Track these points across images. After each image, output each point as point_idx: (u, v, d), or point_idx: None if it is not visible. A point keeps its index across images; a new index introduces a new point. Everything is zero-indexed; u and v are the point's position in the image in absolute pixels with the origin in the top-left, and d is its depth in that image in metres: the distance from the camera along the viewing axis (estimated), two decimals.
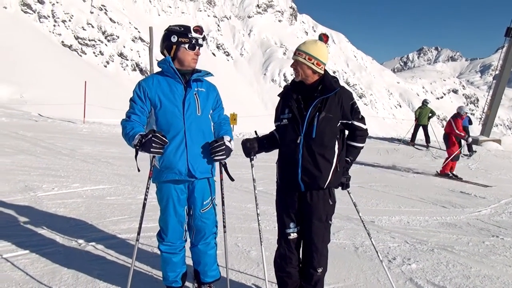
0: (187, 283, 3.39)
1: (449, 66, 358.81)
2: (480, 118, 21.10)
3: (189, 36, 2.98)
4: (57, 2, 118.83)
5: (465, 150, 14.96)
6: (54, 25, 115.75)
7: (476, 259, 4.64)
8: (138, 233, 3.09)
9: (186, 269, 3.32)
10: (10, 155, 9.11)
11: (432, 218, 6.44)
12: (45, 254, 4.01)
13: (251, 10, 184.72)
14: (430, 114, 15.99)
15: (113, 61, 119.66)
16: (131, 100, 3.06)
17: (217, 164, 3.20)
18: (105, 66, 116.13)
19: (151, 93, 3.01)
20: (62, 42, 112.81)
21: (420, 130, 16.16)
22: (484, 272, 4.25)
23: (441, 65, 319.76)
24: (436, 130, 17.40)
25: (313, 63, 2.95)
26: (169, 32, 3.02)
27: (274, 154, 3.20)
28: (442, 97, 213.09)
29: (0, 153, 9.24)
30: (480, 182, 10.34)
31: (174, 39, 2.98)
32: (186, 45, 2.98)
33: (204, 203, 3.16)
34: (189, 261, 3.40)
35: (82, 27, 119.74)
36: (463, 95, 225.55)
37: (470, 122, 15.35)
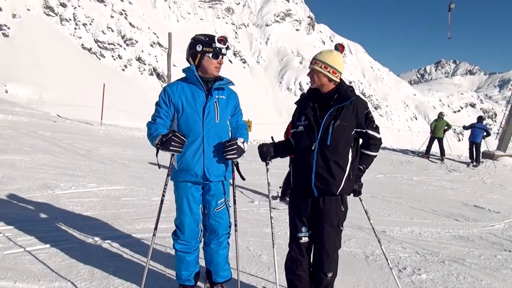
0: (199, 283, 3.47)
1: (467, 79, 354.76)
2: (498, 133, 20.84)
3: (213, 46, 3.11)
4: (78, 6, 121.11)
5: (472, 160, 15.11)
6: (75, 28, 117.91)
7: (487, 272, 4.62)
8: (155, 228, 3.24)
9: (199, 268, 3.40)
10: (30, 154, 9.33)
11: (444, 231, 6.42)
12: (62, 249, 4.13)
13: (269, 19, 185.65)
14: (446, 127, 15.88)
15: (131, 65, 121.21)
16: (157, 104, 3.23)
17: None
18: (123, 70, 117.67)
19: (175, 99, 3.17)
20: (82, 45, 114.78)
21: (435, 143, 16.05)
22: (495, 285, 4.23)
23: (459, 79, 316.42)
24: (452, 143, 17.27)
25: (329, 72, 3.04)
26: (195, 41, 3.15)
27: (289, 161, 3.28)
28: (459, 111, 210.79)
29: (20, 151, 9.47)
30: (494, 197, 10.24)
31: (199, 48, 3.11)
32: (210, 54, 3.12)
33: (218, 202, 3.28)
34: (202, 262, 3.47)
35: (102, 30, 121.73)
36: (480, 109, 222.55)
37: (488, 133, 15.30)
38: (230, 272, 3.45)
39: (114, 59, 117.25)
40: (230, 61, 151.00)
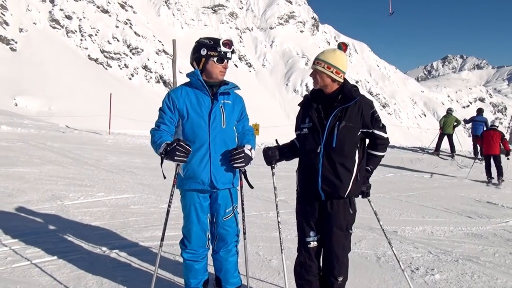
0: None
1: (475, 74, 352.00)
2: (508, 127, 20.60)
3: (218, 49, 3.04)
4: (84, 17, 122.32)
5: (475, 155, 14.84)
6: (81, 40, 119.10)
7: (502, 270, 4.52)
8: (162, 239, 3.18)
9: (208, 276, 3.36)
10: (38, 165, 9.39)
11: (457, 229, 6.32)
12: (71, 260, 4.12)
13: (273, 22, 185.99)
14: (455, 123, 15.71)
15: (137, 73, 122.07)
16: (161, 110, 3.15)
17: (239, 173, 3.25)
18: (130, 79, 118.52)
19: (179, 104, 3.09)
20: (89, 55, 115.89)
21: (445, 139, 15.88)
22: (511, 283, 4.14)
23: (466, 73, 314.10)
24: (462, 139, 17.08)
25: (332, 72, 2.96)
26: (199, 44, 3.09)
27: (296, 163, 3.22)
28: (468, 106, 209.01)
29: (29, 163, 9.53)
30: (508, 192, 10.08)
31: (203, 52, 3.05)
32: (215, 58, 3.05)
33: (227, 211, 3.21)
34: (211, 269, 3.44)
35: (108, 41, 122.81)
36: (490, 103, 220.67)
37: (487, 126, 15.06)
38: (240, 278, 3.41)
39: (121, 68, 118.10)
40: (236, 66, 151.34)
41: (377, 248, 5.07)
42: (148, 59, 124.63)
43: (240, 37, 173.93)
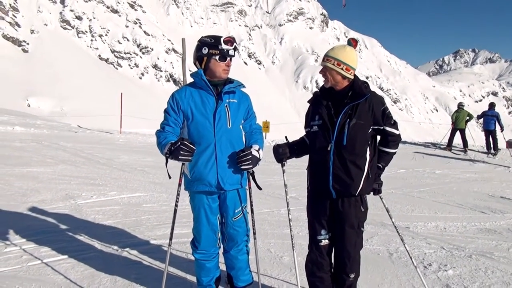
0: (220, 287, 3.45)
1: (488, 68, 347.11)
2: None
3: (220, 47, 2.98)
4: (94, 18, 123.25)
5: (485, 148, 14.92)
6: (92, 40, 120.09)
7: None
8: (170, 238, 3.19)
9: (219, 273, 3.37)
10: (52, 165, 9.50)
11: (470, 224, 6.26)
12: (84, 258, 4.17)
13: (282, 18, 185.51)
14: (467, 118, 15.54)
15: (147, 72, 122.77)
16: (165, 111, 3.12)
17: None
18: (140, 78, 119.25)
19: (184, 105, 3.05)
20: (99, 55, 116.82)
21: (457, 134, 15.72)
22: None
23: (479, 67, 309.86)
24: (475, 134, 16.89)
25: (342, 69, 2.91)
26: (201, 43, 3.04)
27: (307, 160, 3.22)
28: (481, 100, 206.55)
29: (42, 163, 9.65)
30: None
31: (205, 51, 3.00)
32: (217, 57, 2.99)
33: (236, 211, 3.20)
34: (222, 266, 3.45)
35: (118, 40, 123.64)
36: (503, 97, 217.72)
37: (498, 120, 14.89)
38: (251, 276, 3.42)
39: (131, 68, 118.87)
40: (245, 63, 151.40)
41: (389, 244, 5.04)
42: (158, 58, 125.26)
43: (250, 34, 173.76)
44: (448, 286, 3.88)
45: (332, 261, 3.17)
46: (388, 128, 3.01)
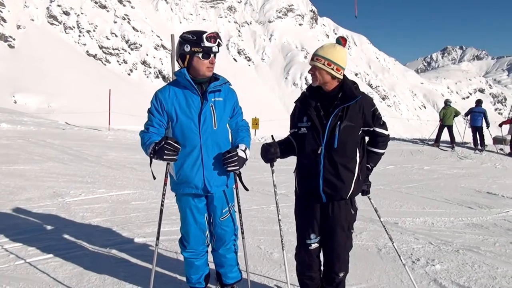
0: (210, 285, 3.45)
1: (475, 65, 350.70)
2: (509, 117, 20.60)
3: (202, 45, 2.85)
4: (81, 13, 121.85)
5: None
6: (79, 36, 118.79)
7: (503, 260, 4.54)
8: (157, 238, 3.16)
9: (209, 270, 3.37)
10: (39, 163, 9.40)
11: (458, 219, 6.33)
12: (73, 257, 4.14)
13: (272, 15, 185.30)
14: (454, 114, 15.73)
15: (136, 69, 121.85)
16: (149, 111, 3.03)
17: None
18: (129, 74, 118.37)
19: (168, 106, 2.96)
20: (87, 51, 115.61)
21: (445, 131, 15.89)
22: (511, 273, 4.16)
23: (466, 65, 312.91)
24: (462, 130, 17.08)
25: (332, 69, 2.81)
26: (183, 40, 2.90)
27: (294, 160, 3.19)
28: (468, 97, 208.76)
29: (30, 161, 9.54)
30: (508, 182, 10.10)
31: (187, 48, 2.87)
32: (200, 54, 2.87)
33: (223, 211, 3.17)
34: (212, 264, 3.45)
35: (106, 36, 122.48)
36: (490, 94, 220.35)
37: (485, 117, 15.11)
38: (240, 273, 3.42)
39: (120, 64, 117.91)
40: (235, 60, 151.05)
41: (378, 239, 5.09)
42: (147, 55, 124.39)
43: (239, 31, 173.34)
44: (436, 280, 3.93)
45: (321, 260, 3.18)
46: (378, 129, 2.97)
